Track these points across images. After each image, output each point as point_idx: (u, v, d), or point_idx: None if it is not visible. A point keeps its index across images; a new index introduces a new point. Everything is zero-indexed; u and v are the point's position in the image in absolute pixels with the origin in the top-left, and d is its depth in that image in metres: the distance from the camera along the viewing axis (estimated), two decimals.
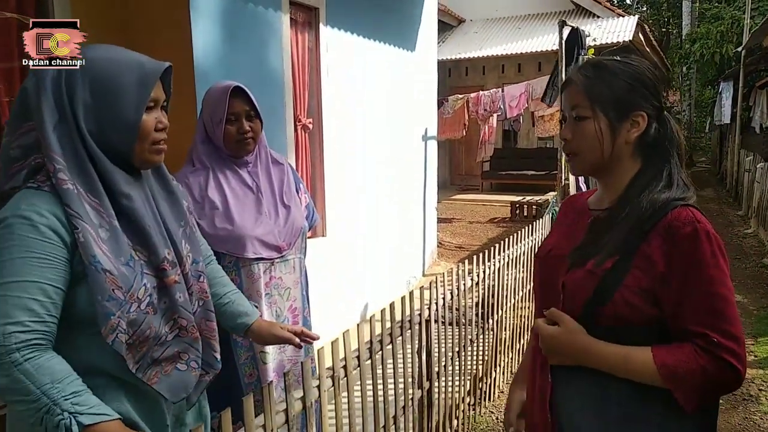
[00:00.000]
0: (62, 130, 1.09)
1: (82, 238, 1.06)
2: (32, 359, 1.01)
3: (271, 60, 3.54)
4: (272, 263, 1.99)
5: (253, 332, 1.58)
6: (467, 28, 13.48)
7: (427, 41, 5.82)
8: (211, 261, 1.58)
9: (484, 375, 3.22)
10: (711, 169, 16.76)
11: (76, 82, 1.10)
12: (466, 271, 2.95)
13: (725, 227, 8.49)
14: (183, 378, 1.26)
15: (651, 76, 1.19)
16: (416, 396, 2.49)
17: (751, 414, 3.27)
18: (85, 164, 1.11)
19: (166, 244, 1.22)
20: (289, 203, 2.07)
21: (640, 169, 1.19)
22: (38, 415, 0.99)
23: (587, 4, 12.17)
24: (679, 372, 1.04)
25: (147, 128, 1.15)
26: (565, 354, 1.15)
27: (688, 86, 18.42)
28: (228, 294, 1.57)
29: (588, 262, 1.15)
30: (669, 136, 1.19)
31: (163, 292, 1.20)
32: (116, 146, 1.14)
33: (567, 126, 1.22)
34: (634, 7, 24.64)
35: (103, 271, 1.06)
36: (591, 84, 1.17)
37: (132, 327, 1.11)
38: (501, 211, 10.04)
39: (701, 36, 14.29)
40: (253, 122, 1.95)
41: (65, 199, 1.06)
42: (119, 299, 1.08)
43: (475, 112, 8.99)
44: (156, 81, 1.16)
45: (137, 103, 1.13)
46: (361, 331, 2.00)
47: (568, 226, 1.31)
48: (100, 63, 1.12)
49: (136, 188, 1.19)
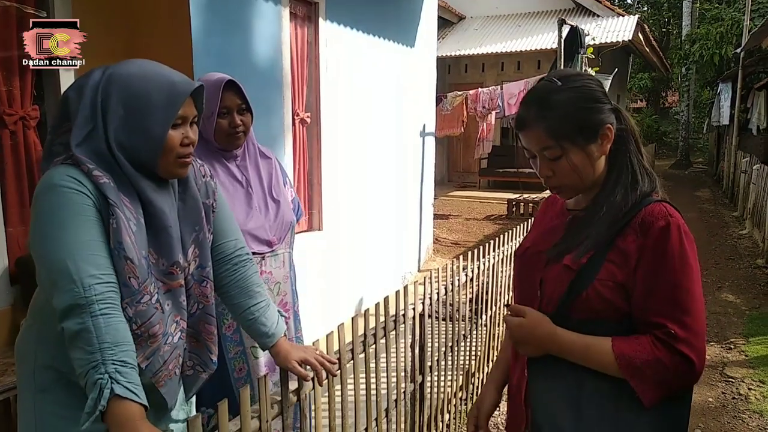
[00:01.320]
0: (93, 139, 1.18)
1: (115, 224, 1.14)
2: (106, 315, 1.09)
3: (270, 54, 3.54)
4: (263, 258, 1.99)
5: (273, 355, 1.54)
6: (467, 24, 13.47)
7: (427, 37, 5.83)
8: (242, 262, 1.52)
9: (476, 370, 3.24)
10: (708, 170, 16.81)
11: (111, 96, 1.19)
12: (461, 267, 2.97)
13: (720, 228, 8.54)
14: (177, 382, 1.32)
15: (596, 86, 1.19)
16: (408, 390, 2.51)
17: (740, 413, 3.30)
18: (114, 167, 1.19)
19: (182, 249, 1.29)
20: (278, 197, 2.07)
21: (607, 168, 1.22)
22: (86, 368, 1.05)
23: (588, 3, 12.17)
24: (635, 362, 1.07)
25: (172, 144, 1.22)
26: (531, 343, 1.18)
27: (687, 87, 18.42)
28: (252, 308, 1.51)
29: (565, 257, 1.18)
30: (625, 127, 1.21)
31: (169, 294, 1.26)
32: (143, 158, 1.21)
33: (543, 164, 1.20)
34: (634, 7, 24.63)
35: (125, 258, 1.14)
36: (551, 123, 1.15)
37: (141, 318, 1.17)
38: (498, 209, 10.07)
39: (701, 37, 14.30)
40: (245, 116, 1.94)
41: (103, 190, 1.14)
42: (133, 287, 1.15)
43: (473, 110, 9.00)
44: (184, 100, 1.23)
45: (164, 121, 1.20)
46: (356, 324, 2.01)
47: (547, 225, 1.35)
48: (134, 80, 1.20)
49: (161, 195, 1.26)
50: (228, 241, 1.50)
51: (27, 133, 2.76)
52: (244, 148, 2.02)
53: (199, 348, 1.40)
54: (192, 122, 1.28)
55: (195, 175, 1.39)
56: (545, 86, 1.19)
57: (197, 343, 1.39)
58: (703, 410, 3.34)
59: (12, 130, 2.70)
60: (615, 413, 1.13)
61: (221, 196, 1.50)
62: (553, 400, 1.19)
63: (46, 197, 1.14)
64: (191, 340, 1.37)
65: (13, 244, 2.73)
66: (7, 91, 2.63)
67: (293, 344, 1.56)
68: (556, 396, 1.19)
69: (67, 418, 1.18)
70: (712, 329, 4.57)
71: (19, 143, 2.73)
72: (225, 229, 1.50)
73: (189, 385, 1.41)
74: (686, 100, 18.61)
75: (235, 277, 1.50)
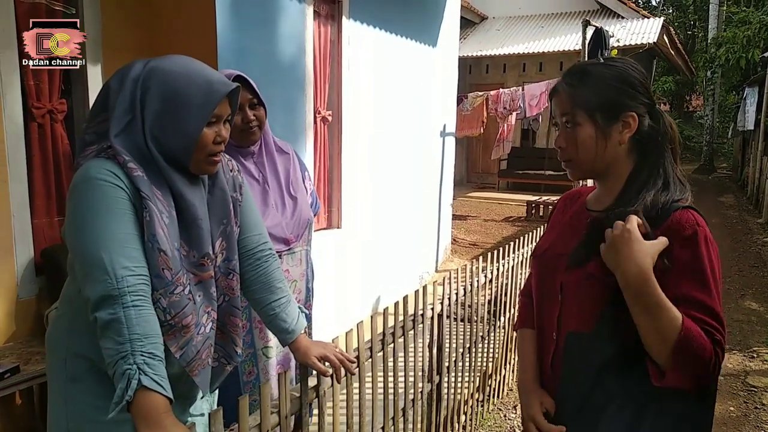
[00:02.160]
0: (131, 130, 1.20)
1: (149, 217, 1.16)
2: (138, 307, 1.11)
3: (293, 51, 3.56)
4: (280, 256, 1.97)
5: (293, 351, 1.54)
6: (489, 25, 13.40)
7: (449, 37, 5.81)
8: (264, 257, 1.52)
9: (493, 372, 3.23)
10: (732, 176, 16.52)
11: (152, 91, 1.21)
12: (480, 268, 2.96)
13: (744, 235, 8.38)
14: (209, 373, 1.34)
15: (636, 74, 1.19)
16: (426, 390, 2.50)
17: (762, 423, 3.24)
18: (149, 160, 1.21)
19: (212, 242, 1.32)
20: (296, 194, 2.04)
21: (635, 167, 1.20)
22: (116, 357, 1.07)
23: (612, 5, 12.04)
24: (693, 342, 1.03)
25: (205, 141, 1.24)
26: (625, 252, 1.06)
27: (712, 91, 18.10)
28: (273, 304, 1.51)
29: (588, 264, 1.15)
30: (662, 131, 1.19)
31: (200, 285, 1.29)
32: (175, 153, 1.23)
33: (560, 134, 1.22)
34: (659, 9, 24.30)
35: (159, 250, 1.16)
36: (576, 91, 1.18)
37: (174, 309, 1.19)
38: (517, 210, 10.00)
39: (727, 40, 14.04)
40: (257, 110, 1.92)
41: (137, 182, 1.16)
42: (166, 279, 1.18)
43: (494, 110, 8.96)
44: (221, 100, 1.24)
45: (200, 119, 1.22)
46: (375, 323, 2.01)
47: (565, 225, 1.32)
48: (174, 76, 1.22)
49: (192, 189, 1.28)
50: (252, 236, 1.51)
51: (54, 126, 2.80)
52: (261, 144, 1.99)
53: (224, 340, 1.41)
54: (225, 120, 1.30)
55: (223, 170, 1.40)
56: (588, 61, 1.24)
57: (222, 335, 1.41)
58: (724, 420, 3.29)
59: (40, 123, 2.74)
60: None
61: (247, 190, 1.51)
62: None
63: (82, 189, 1.16)
64: (217, 332, 1.38)
65: (39, 235, 2.78)
66: (36, 85, 2.68)
67: (313, 341, 1.56)
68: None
69: (98, 408, 1.19)
70: (735, 337, 4.49)
71: (46, 136, 2.78)
72: (249, 223, 1.50)
73: (214, 378, 1.42)
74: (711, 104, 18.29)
75: (258, 272, 1.51)
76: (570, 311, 1.21)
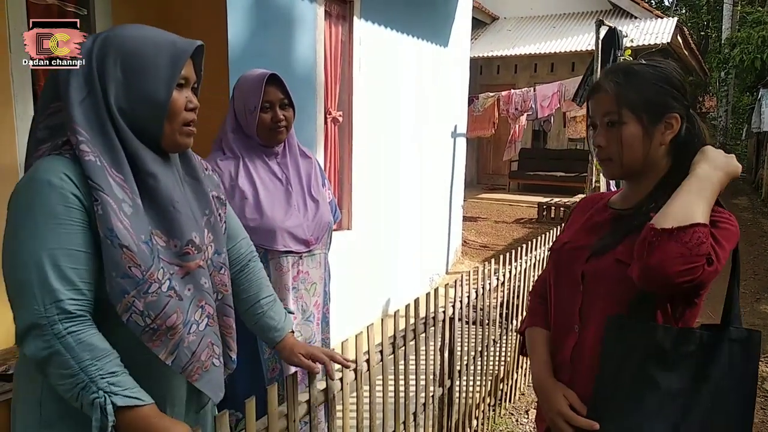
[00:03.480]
0: (89, 104, 1.07)
1: (101, 210, 1.01)
2: (75, 333, 0.99)
3: (304, 51, 3.54)
4: (300, 257, 1.97)
5: (279, 350, 1.52)
6: (500, 25, 13.35)
7: (461, 38, 5.78)
8: (252, 258, 1.50)
9: (505, 376, 3.19)
10: (746, 178, 16.34)
11: (108, 60, 1.09)
12: (492, 270, 2.93)
13: (759, 237, 8.27)
14: (218, 374, 1.23)
15: (678, 76, 1.20)
16: (437, 394, 2.48)
17: None
18: (112, 139, 1.07)
19: (196, 227, 1.18)
20: (317, 197, 2.05)
21: (670, 168, 1.20)
22: (75, 391, 0.98)
23: (625, 5, 11.94)
24: (695, 233, 1.02)
25: (177, 107, 1.13)
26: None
27: (726, 92, 17.96)
28: (262, 301, 1.47)
29: (616, 251, 1.16)
30: (697, 134, 1.20)
31: (188, 278, 1.15)
32: (146, 125, 1.11)
33: (599, 132, 1.22)
34: (672, 9, 24.11)
35: (120, 246, 1.01)
36: (622, 90, 1.18)
37: (153, 310, 1.06)
38: (527, 212, 9.94)
39: (741, 41, 13.88)
40: (287, 111, 1.93)
41: (87, 170, 1.02)
42: (136, 277, 1.03)
43: (505, 111, 8.91)
44: (187, 59, 1.14)
45: (168, 81, 1.11)
46: (385, 326, 1.99)
47: (586, 223, 1.32)
48: (132, 41, 1.10)
49: (164, 169, 1.15)
50: (241, 240, 1.47)
51: None
52: (285, 146, 2.00)
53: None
54: (193, 87, 1.18)
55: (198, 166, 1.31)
56: (632, 61, 1.28)
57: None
58: None
59: None
60: None
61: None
62: None
63: (22, 195, 1.03)
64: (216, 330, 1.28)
65: None
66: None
67: (299, 341, 1.54)
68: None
69: None
70: None
71: None
72: (236, 228, 1.46)
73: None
74: (724, 105, 18.14)
75: (246, 271, 1.47)
76: (595, 299, 1.19)
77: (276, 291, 1.90)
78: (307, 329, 2.02)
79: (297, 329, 1.98)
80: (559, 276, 1.31)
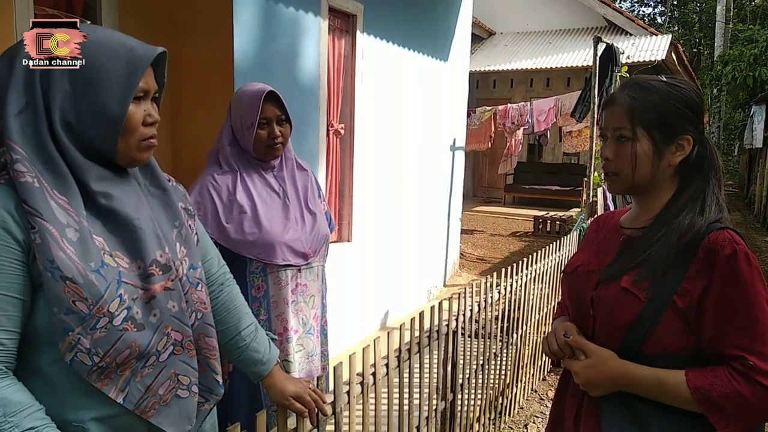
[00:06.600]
0: (27, 117, 0.94)
1: (39, 239, 0.90)
2: None
3: (307, 64, 3.57)
4: (299, 270, 1.97)
5: (267, 388, 1.39)
6: (497, 40, 13.48)
7: (460, 52, 5.84)
8: (226, 281, 1.36)
9: (505, 387, 3.19)
10: (738, 193, 16.49)
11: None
12: (494, 283, 2.94)
13: (753, 252, 8.32)
14: (186, 406, 1.10)
15: (697, 99, 1.18)
16: (440, 407, 2.48)
17: None
18: (53, 158, 0.95)
19: (160, 245, 1.05)
20: (315, 210, 2.05)
21: (677, 190, 1.18)
22: None
23: (620, 22, 12.10)
24: (713, 396, 1.03)
25: (134, 122, 1.00)
26: (602, 384, 1.15)
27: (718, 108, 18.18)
28: (243, 333, 1.34)
29: (622, 279, 1.14)
30: (709, 158, 1.18)
31: (153, 302, 1.02)
32: (97, 142, 0.99)
33: (608, 145, 1.20)
34: (665, 27, 24.41)
35: (62, 279, 0.90)
36: (637, 105, 1.15)
37: (101, 347, 0.94)
38: (523, 225, 9.98)
39: (734, 58, 14.08)
40: (284, 127, 1.94)
41: (22, 193, 0.90)
42: (81, 313, 0.92)
43: (502, 125, 8.97)
44: (146, 68, 1.00)
45: (123, 94, 0.98)
46: (391, 339, 2.00)
47: (599, 244, 1.31)
48: (83, 46, 0.97)
49: (119, 186, 1.03)
50: (211, 259, 1.33)
51: None
52: (282, 159, 2.01)
53: (201, 370, 1.14)
54: (153, 98, 1.05)
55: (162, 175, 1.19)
56: (651, 77, 1.21)
57: (197, 364, 1.14)
58: None
59: None
60: None
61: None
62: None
63: None
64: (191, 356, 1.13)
65: None
66: None
67: (287, 376, 1.44)
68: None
69: None
70: None
71: None
72: (207, 245, 1.33)
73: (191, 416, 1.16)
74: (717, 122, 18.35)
75: (222, 298, 1.33)
76: (603, 325, 1.19)
77: (275, 304, 1.92)
78: (309, 342, 2.02)
79: (299, 343, 1.98)
80: (571, 300, 1.30)
